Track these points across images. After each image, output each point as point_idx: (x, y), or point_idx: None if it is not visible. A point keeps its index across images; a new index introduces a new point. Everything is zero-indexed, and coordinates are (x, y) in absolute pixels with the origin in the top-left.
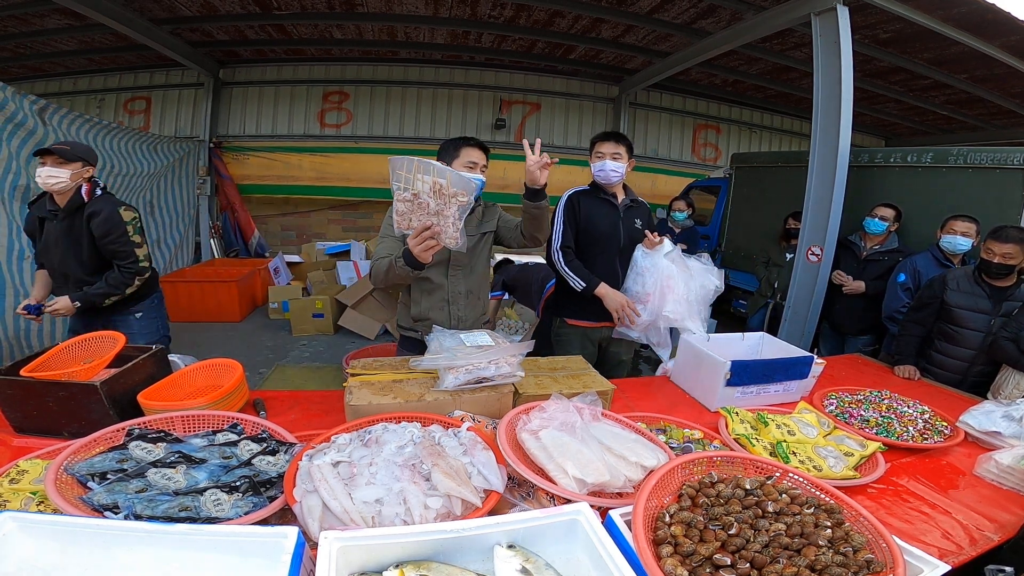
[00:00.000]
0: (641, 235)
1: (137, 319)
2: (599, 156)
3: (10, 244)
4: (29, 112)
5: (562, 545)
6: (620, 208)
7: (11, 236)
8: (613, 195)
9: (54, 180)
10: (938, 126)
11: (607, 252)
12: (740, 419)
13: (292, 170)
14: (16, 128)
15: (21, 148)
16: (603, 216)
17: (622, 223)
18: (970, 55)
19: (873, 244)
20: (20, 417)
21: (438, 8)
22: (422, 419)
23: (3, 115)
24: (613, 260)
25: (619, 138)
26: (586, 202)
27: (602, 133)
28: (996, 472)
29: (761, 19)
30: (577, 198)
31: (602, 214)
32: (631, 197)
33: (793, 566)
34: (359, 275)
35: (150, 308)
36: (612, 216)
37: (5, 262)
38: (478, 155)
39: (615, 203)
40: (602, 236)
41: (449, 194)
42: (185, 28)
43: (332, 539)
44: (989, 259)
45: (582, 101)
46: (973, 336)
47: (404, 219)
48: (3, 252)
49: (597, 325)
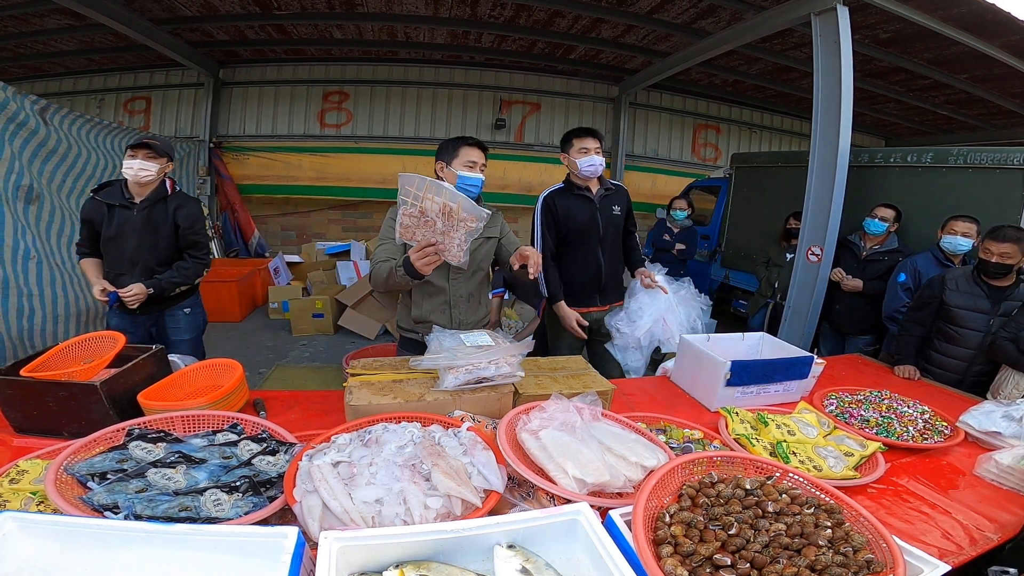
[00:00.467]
0: (619, 220)
1: (186, 314)
2: (585, 151)
3: (15, 244)
4: (31, 112)
5: (562, 545)
6: (596, 199)
7: (16, 236)
8: (587, 188)
9: (145, 173)
10: (938, 126)
11: (588, 244)
12: (740, 419)
13: (292, 170)
14: (18, 128)
15: (24, 148)
16: (580, 211)
17: (599, 214)
18: (970, 55)
19: (873, 244)
20: (20, 417)
21: (438, 8)
22: (422, 419)
23: (5, 115)
24: (595, 251)
25: (596, 133)
26: (562, 201)
27: (581, 129)
28: (996, 472)
29: (761, 19)
30: (552, 199)
31: (579, 209)
32: (605, 186)
33: (793, 566)
34: (359, 275)
35: (195, 304)
36: (589, 209)
37: (10, 262)
38: (477, 154)
39: (590, 196)
40: (582, 230)
41: (458, 218)
42: (185, 28)
43: (332, 539)
44: (987, 259)
45: (582, 101)
46: (972, 336)
47: (408, 232)
48: (8, 252)
49: (586, 310)
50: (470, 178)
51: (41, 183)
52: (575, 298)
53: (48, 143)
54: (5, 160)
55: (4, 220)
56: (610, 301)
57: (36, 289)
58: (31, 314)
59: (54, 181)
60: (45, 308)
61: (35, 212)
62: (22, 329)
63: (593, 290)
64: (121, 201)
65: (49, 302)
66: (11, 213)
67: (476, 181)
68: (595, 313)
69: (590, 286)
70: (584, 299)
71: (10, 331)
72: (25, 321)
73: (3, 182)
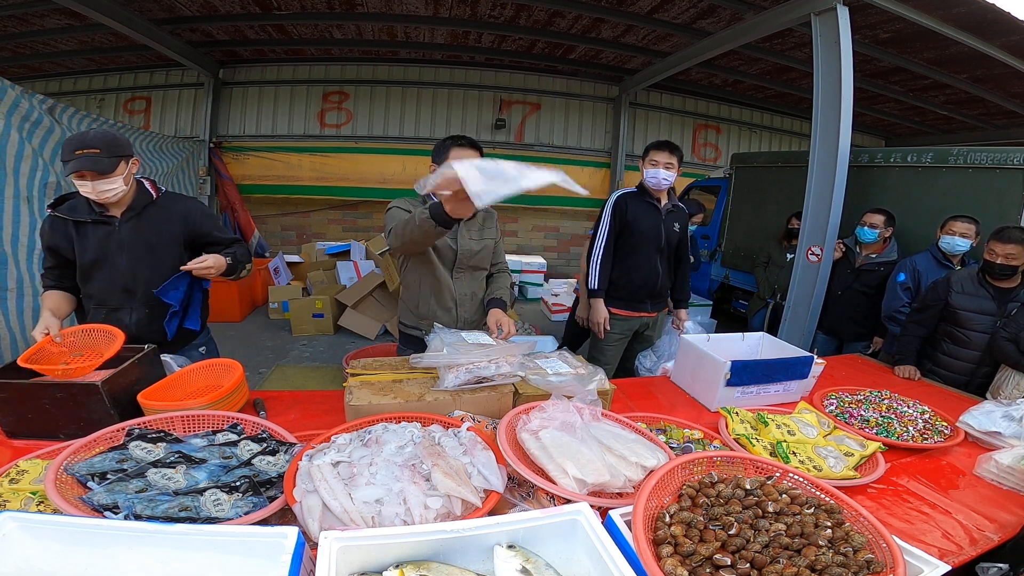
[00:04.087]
0: (677, 238)
1: (201, 354)
2: (653, 164)
3: (31, 243)
4: (41, 110)
5: (562, 545)
6: (662, 211)
7: (33, 235)
8: (657, 199)
9: (110, 192)
10: (938, 126)
11: (648, 249)
12: (740, 419)
13: (292, 170)
14: (34, 127)
15: (43, 145)
16: (647, 217)
17: (663, 225)
18: (970, 55)
19: (869, 252)
20: (13, 420)
21: (438, 8)
22: (422, 419)
23: (19, 114)
24: (653, 257)
25: (673, 149)
26: (632, 203)
27: (658, 142)
28: (996, 472)
29: (761, 19)
30: (624, 200)
31: (646, 215)
32: (672, 202)
33: (793, 566)
34: (359, 275)
35: (208, 342)
36: (655, 217)
37: (25, 261)
38: (468, 155)
39: (658, 207)
40: (645, 234)
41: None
42: (185, 28)
43: (332, 539)
44: (992, 260)
45: (582, 101)
46: (979, 338)
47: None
48: (23, 251)
49: (638, 315)
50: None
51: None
52: (628, 301)
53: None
54: (27, 158)
55: (20, 219)
56: (658, 309)
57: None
58: None
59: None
60: None
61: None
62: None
63: (647, 295)
64: (93, 216)
65: None
66: (29, 212)
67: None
68: (644, 318)
69: (644, 291)
70: (637, 303)
71: (24, 332)
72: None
73: (27, 180)
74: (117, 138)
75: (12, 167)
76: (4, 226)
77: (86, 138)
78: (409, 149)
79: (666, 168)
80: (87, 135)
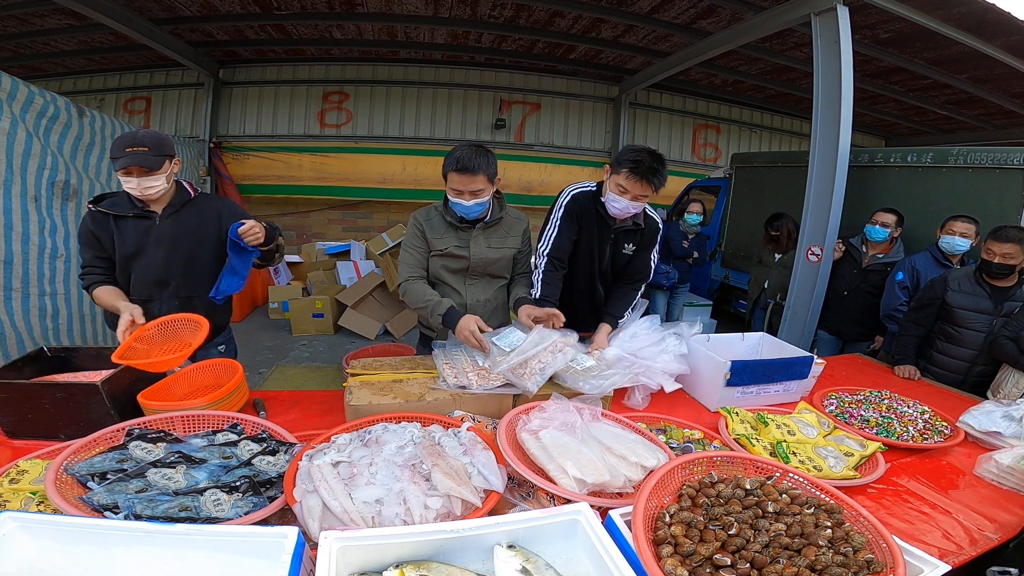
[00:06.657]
0: (626, 261)
1: (220, 352)
2: (622, 190)
3: (42, 242)
4: (63, 107)
5: (562, 545)
6: (613, 229)
7: (42, 234)
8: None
9: (153, 189)
10: (938, 126)
11: (587, 269)
12: (740, 419)
13: (292, 170)
14: (51, 122)
15: (62, 143)
16: (594, 231)
17: (610, 245)
18: (970, 55)
19: (876, 252)
20: (13, 420)
21: (438, 8)
22: (422, 419)
23: (33, 111)
24: (593, 279)
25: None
26: (586, 211)
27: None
28: (996, 472)
29: (761, 19)
30: (577, 206)
31: (594, 228)
32: (635, 221)
33: (793, 566)
34: (359, 275)
35: (229, 340)
36: (603, 233)
37: (35, 260)
38: (460, 181)
39: (611, 225)
40: (584, 251)
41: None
42: (185, 28)
43: (332, 539)
44: (989, 259)
45: (582, 101)
46: (974, 337)
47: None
48: (33, 250)
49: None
50: (457, 205)
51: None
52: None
53: (84, 137)
54: (36, 155)
55: (29, 218)
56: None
57: (61, 288)
58: (55, 314)
59: (101, 174)
60: (71, 307)
61: (74, 208)
62: (46, 329)
63: (588, 315)
64: (135, 211)
65: (75, 301)
66: (37, 211)
67: (462, 210)
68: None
69: (585, 311)
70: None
71: (32, 331)
72: (49, 321)
73: (35, 179)
74: (164, 139)
75: (19, 166)
76: (14, 225)
77: (136, 136)
78: (409, 149)
79: (635, 200)
80: (137, 134)
